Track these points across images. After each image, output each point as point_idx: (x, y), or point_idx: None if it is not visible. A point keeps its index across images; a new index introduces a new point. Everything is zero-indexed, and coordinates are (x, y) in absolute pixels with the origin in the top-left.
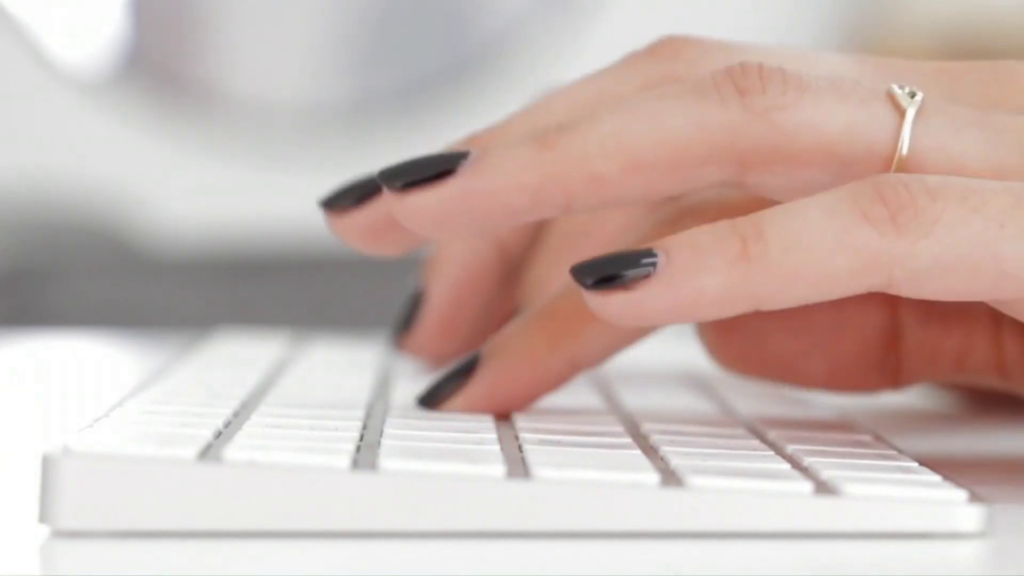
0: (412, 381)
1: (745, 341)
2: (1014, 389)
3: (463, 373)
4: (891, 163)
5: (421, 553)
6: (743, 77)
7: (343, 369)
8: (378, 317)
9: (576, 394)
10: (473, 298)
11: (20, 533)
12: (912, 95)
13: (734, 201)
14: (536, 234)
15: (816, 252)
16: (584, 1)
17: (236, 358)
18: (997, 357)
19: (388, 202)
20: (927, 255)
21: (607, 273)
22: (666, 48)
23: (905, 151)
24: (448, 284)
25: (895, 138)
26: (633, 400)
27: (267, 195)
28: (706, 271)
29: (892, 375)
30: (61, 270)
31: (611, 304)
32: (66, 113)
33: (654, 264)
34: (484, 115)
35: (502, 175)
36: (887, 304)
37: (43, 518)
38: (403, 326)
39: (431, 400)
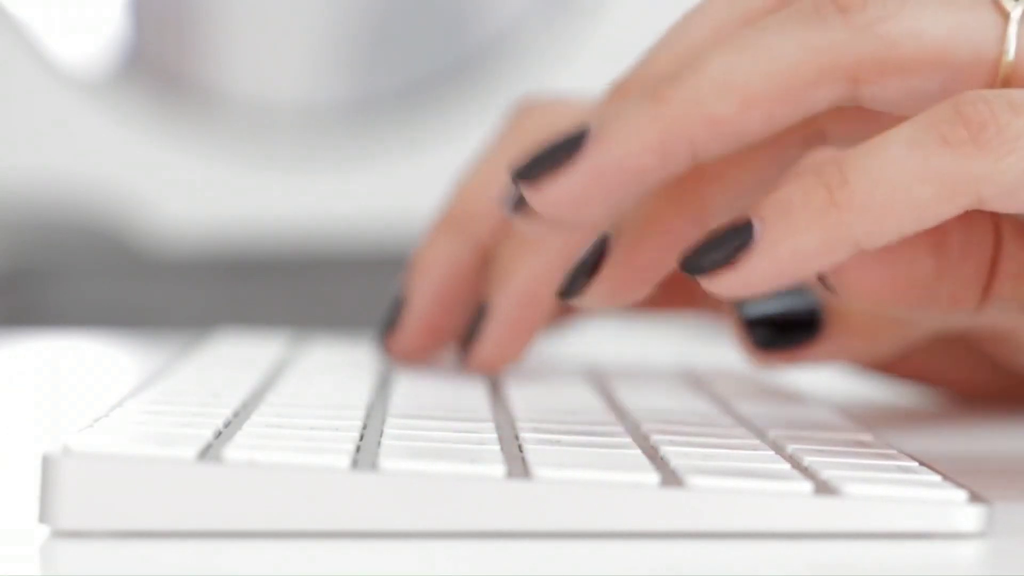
0: (412, 381)
1: (882, 266)
2: None
3: (595, 256)
4: (998, 67)
5: (421, 553)
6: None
7: (343, 369)
8: (378, 317)
9: (576, 394)
10: (455, 298)
11: (20, 533)
12: None
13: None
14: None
15: (901, 186)
16: (584, 1)
17: (236, 358)
18: None
19: (527, 197)
20: (1013, 171)
21: (711, 257)
22: None
23: (1012, 55)
24: (430, 285)
25: (1001, 41)
26: (633, 400)
27: (267, 195)
28: (800, 230)
29: (983, 295)
30: (61, 270)
31: (722, 284)
32: (66, 113)
33: (751, 235)
34: (484, 115)
35: (625, 141)
36: (992, 222)
37: (43, 518)
38: (387, 328)
39: (570, 292)
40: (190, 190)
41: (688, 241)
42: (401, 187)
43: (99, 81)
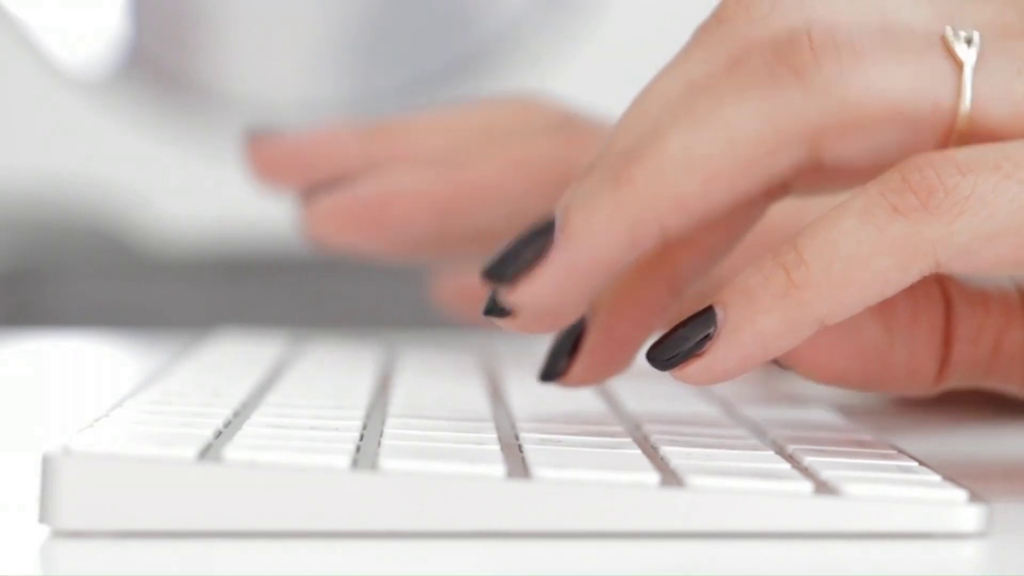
0: (412, 381)
1: (836, 340)
2: None
3: (574, 336)
4: (956, 116)
5: (421, 553)
6: (795, 54)
7: (343, 369)
8: (378, 317)
9: (576, 394)
10: (320, 153)
11: (20, 533)
12: (968, 41)
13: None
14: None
15: (858, 259)
16: (584, 1)
17: (236, 358)
18: None
19: (503, 299)
20: (967, 231)
21: (677, 350)
22: (733, 9)
23: (968, 105)
24: (310, 132)
25: (957, 91)
26: (633, 400)
27: (268, 195)
28: (761, 313)
29: (942, 366)
30: (61, 270)
31: (691, 375)
32: (66, 113)
33: (714, 323)
34: None
35: (593, 234)
36: (939, 286)
37: (43, 518)
38: (257, 136)
39: (552, 374)
40: (190, 190)
41: (663, 308)
42: None
43: (99, 81)
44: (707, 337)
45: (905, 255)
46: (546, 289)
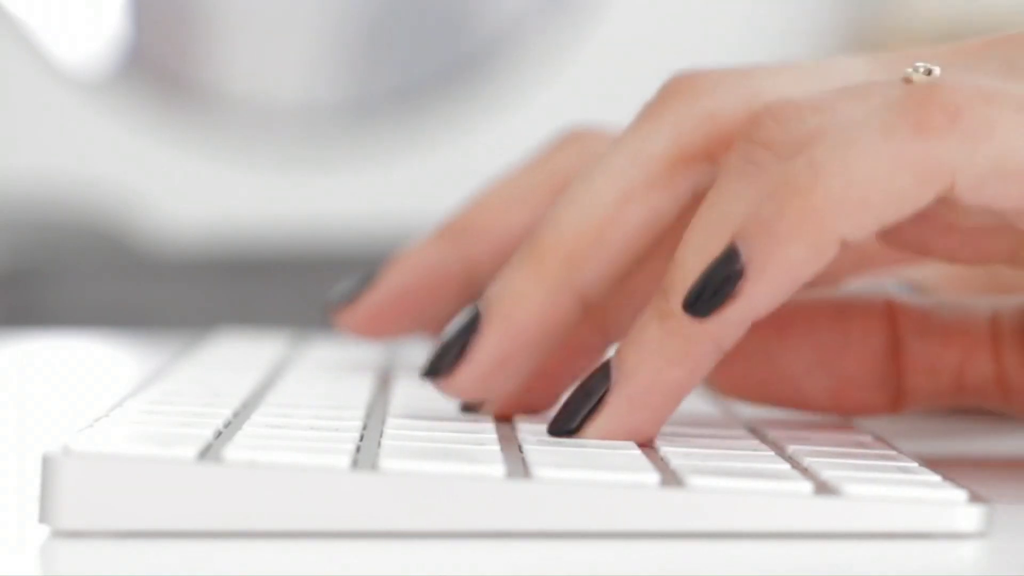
0: (412, 381)
1: (748, 364)
2: (1012, 410)
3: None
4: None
5: (421, 553)
6: (762, 132)
7: (343, 369)
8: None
9: None
10: (423, 297)
11: (20, 533)
12: (928, 72)
13: None
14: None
15: (877, 176)
16: (584, 1)
17: (236, 358)
18: (997, 372)
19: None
20: (988, 160)
21: (711, 294)
22: (677, 87)
23: None
24: (403, 275)
25: None
26: None
27: (267, 195)
28: (784, 243)
29: (893, 394)
30: (61, 270)
31: (731, 315)
32: (66, 113)
33: (741, 263)
34: (484, 115)
35: (648, 368)
36: (887, 317)
37: (43, 518)
38: (344, 299)
39: (433, 372)
40: (190, 190)
41: (591, 350)
42: (401, 187)
43: (99, 81)
44: (737, 275)
45: (925, 175)
46: (620, 427)
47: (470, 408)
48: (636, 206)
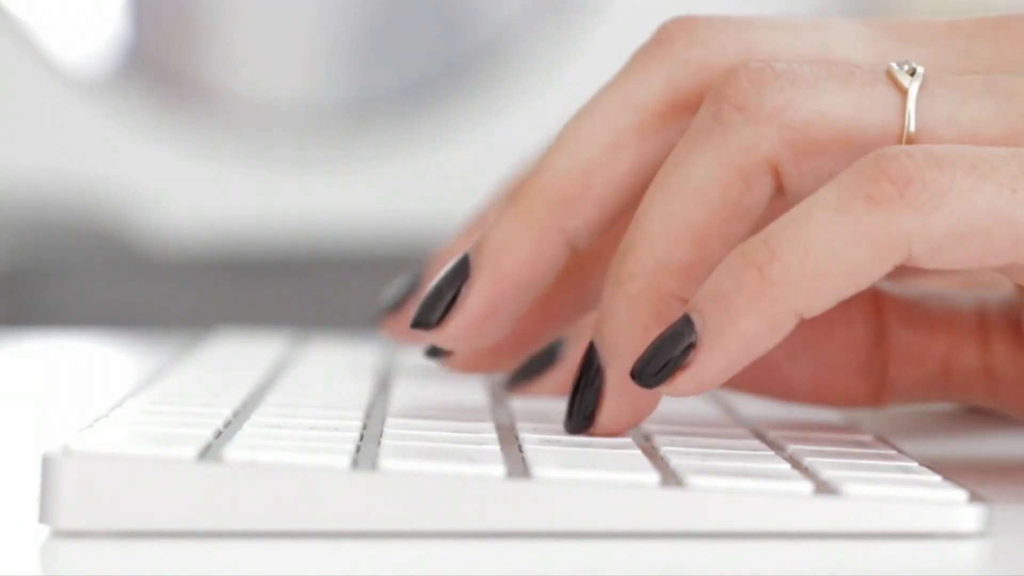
0: (412, 381)
1: None
2: (1000, 404)
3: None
4: (902, 141)
5: (421, 553)
6: (735, 91)
7: (343, 369)
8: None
9: None
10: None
11: (20, 533)
12: (912, 72)
13: None
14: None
15: (833, 251)
16: (584, 1)
17: (236, 358)
18: (985, 364)
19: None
20: (942, 226)
21: (662, 366)
22: (673, 33)
23: (913, 128)
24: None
25: (901, 116)
26: None
27: (267, 195)
28: (740, 315)
29: (878, 383)
30: (61, 270)
31: (679, 388)
32: (66, 113)
33: (694, 333)
34: (484, 116)
35: (631, 340)
36: (872, 306)
37: (43, 518)
38: (392, 306)
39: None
40: (190, 190)
41: (566, 317)
42: (401, 187)
43: (99, 81)
44: (689, 347)
45: (881, 246)
46: (621, 409)
47: (436, 354)
48: (626, 152)
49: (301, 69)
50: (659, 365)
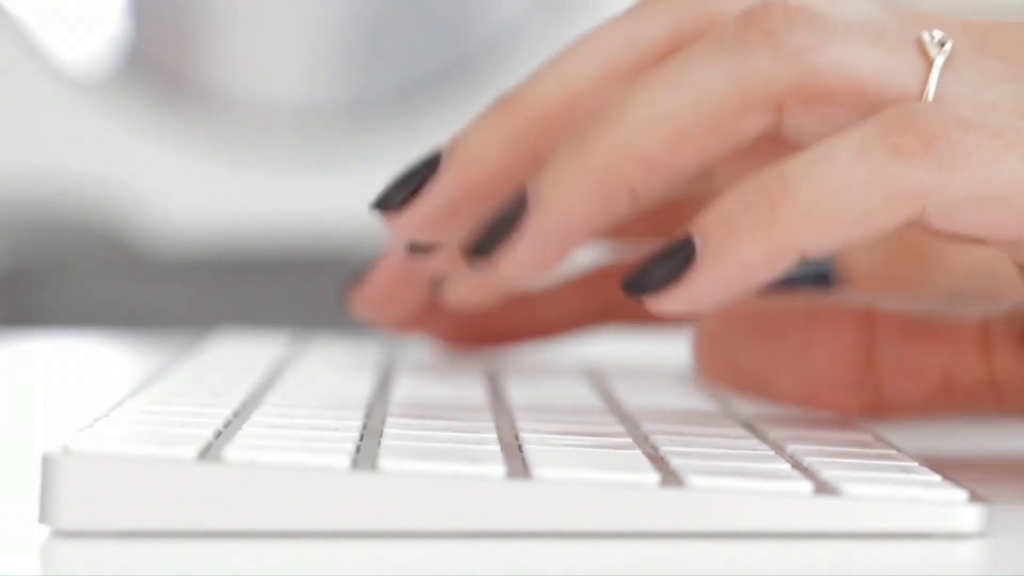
0: (412, 381)
1: (721, 353)
2: (1007, 411)
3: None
4: None
5: (421, 553)
6: (767, 18)
7: (343, 369)
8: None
9: (576, 394)
10: (424, 276)
11: (20, 533)
12: (941, 44)
13: None
14: None
15: (848, 194)
16: (584, 2)
17: (236, 358)
18: (988, 374)
19: (486, 272)
20: (961, 187)
21: (653, 276)
22: None
23: (931, 99)
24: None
25: (922, 85)
26: (633, 400)
27: (267, 195)
28: (742, 242)
29: (873, 399)
30: (61, 270)
31: (668, 302)
32: (66, 113)
33: (693, 251)
34: None
35: (563, 200)
36: (862, 323)
37: (43, 518)
38: (354, 281)
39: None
40: (190, 190)
41: (523, 333)
42: None
43: (99, 81)
44: (683, 265)
45: (896, 197)
46: (523, 257)
47: (418, 249)
48: (615, 86)
49: (301, 69)
50: (650, 276)
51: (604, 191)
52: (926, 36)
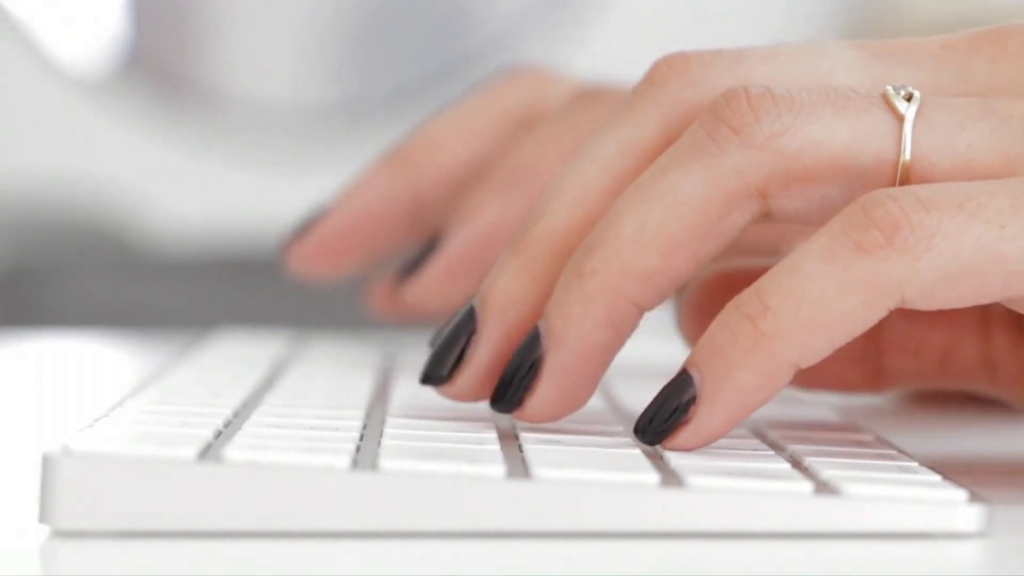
0: (412, 381)
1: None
2: (1000, 393)
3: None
4: (897, 167)
5: (421, 553)
6: (734, 114)
7: (343, 369)
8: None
9: None
10: (373, 229)
11: (20, 533)
12: (909, 97)
13: None
14: (469, 173)
15: (825, 301)
16: (584, 2)
17: (236, 358)
18: (985, 355)
19: (512, 414)
20: (931, 269)
21: (665, 422)
22: (666, 73)
23: (909, 156)
24: (353, 208)
25: (898, 143)
26: (633, 400)
27: (268, 195)
28: (735, 369)
29: (873, 372)
30: (61, 270)
31: (682, 443)
32: (66, 113)
33: (693, 387)
34: None
35: (578, 335)
36: None
37: (43, 518)
38: (296, 234)
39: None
40: (190, 190)
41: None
42: None
43: (99, 81)
44: (690, 402)
45: (872, 293)
46: (550, 397)
47: (431, 381)
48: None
49: (302, 69)
50: (661, 422)
51: (611, 313)
52: (891, 91)
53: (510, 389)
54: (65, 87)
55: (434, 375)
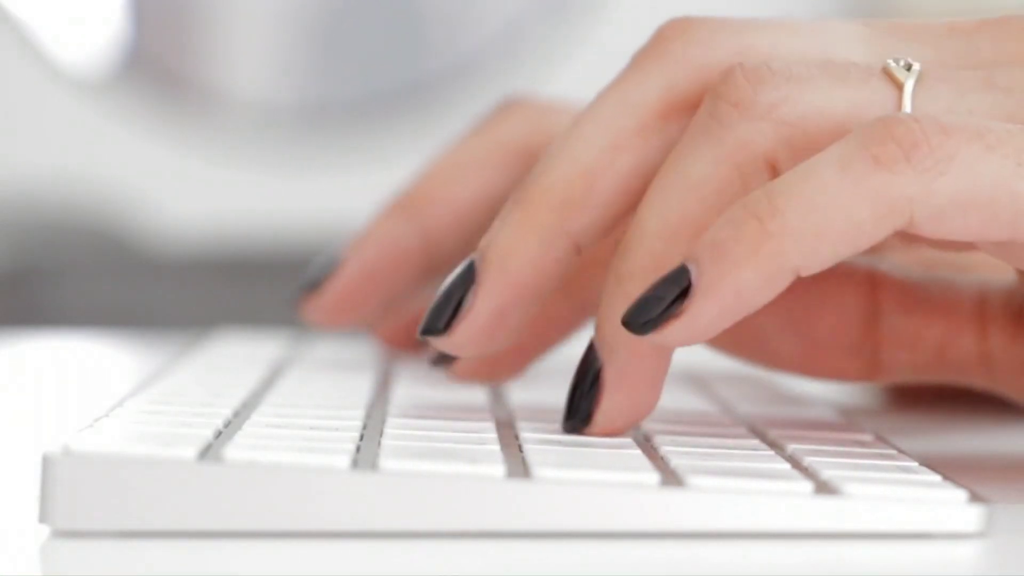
0: (412, 381)
1: None
2: (997, 387)
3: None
4: None
5: (421, 553)
6: (732, 89)
7: (343, 369)
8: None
9: None
10: (388, 277)
11: (20, 533)
12: (908, 67)
13: None
14: (476, 209)
15: (835, 209)
16: (581, 3)
17: (236, 358)
18: (981, 350)
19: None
20: (945, 192)
21: (653, 312)
22: (670, 35)
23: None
24: (366, 257)
25: (899, 108)
26: None
27: (267, 195)
28: (736, 266)
29: (870, 363)
30: (61, 270)
31: (670, 336)
32: (66, 113)
33: (689, 281)
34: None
35: (628, 341)
36: (867, 287)
37: (43, 518)
38: (309, 288)
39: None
40: (190, 190)
41: (568, 325)
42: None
43: (99, 81)
44: (682, 296)
45: (883, 207)
46: (618, 406)
47: (442, 361)
48: (627, 153)
49: (301, 69)
50: (650, 312)
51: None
52: (891, 64)
53: (576, 406)
54: (65, 87)
55: (432, 327)
